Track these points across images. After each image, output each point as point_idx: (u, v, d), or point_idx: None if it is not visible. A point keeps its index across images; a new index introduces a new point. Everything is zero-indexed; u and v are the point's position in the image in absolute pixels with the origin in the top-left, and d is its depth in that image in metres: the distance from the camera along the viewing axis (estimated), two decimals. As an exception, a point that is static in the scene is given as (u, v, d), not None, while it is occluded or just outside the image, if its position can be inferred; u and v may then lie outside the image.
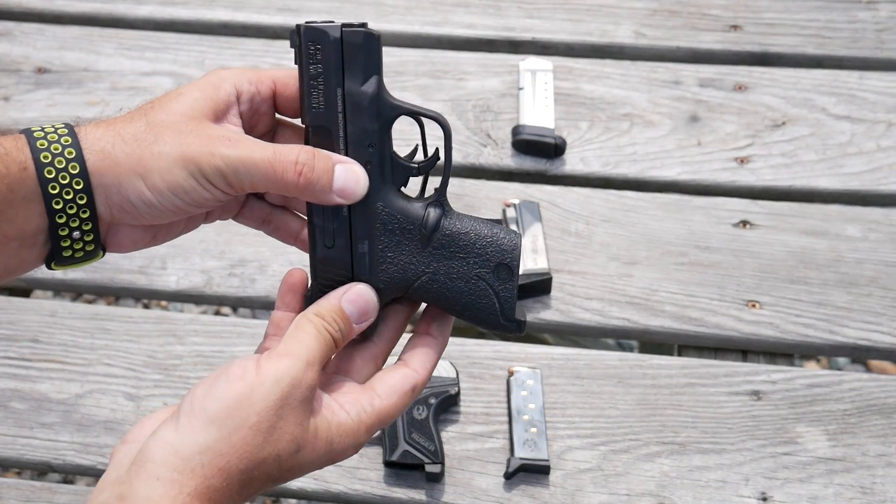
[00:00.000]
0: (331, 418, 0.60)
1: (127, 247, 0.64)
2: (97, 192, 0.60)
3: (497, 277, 0.64)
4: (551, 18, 1.44)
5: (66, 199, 0.59)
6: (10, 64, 1.41)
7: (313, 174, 0.60)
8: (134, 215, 0.61)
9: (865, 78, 1.35)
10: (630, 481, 1.02)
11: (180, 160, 0.59)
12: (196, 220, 0.68)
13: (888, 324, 1.12)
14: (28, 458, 1.05)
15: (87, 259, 0.62)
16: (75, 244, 0.61)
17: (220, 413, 0.56)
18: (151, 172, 0.59)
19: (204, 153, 0.59)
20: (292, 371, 0.58)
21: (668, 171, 1.27)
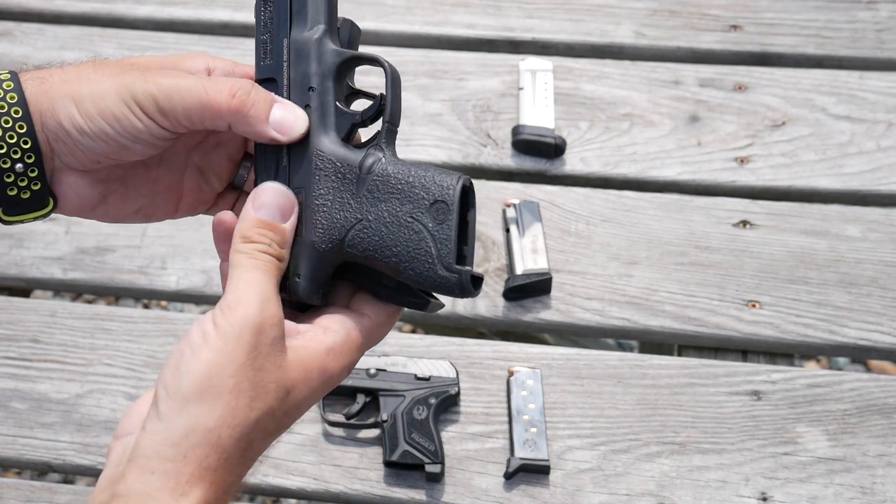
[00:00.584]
0: (315, 346, 0.57)
1: (72, 200, 0.62)
2: (34, 118, 0.58)
3: (433, 218, 0.57)
4: (551, 18, 1.44)
5: (6, 126, 0.58)
6: (10, 64, 1.40)
7: (248, 98, 0.58)
8: (69, 146, 0.59)
9: (865, 78, 1.35)
10: (630, 481, 1.02)
11: (114, 87, 0.58)
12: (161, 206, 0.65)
13: (888, 324, 1.12)
14: (28, 458, 1.05)
15: (37, 207, 0.60)
16: (20, 180, 0.59)
17: (194, 388, 0.53)
18: (83, 98, 0.58)
19: (138, 81, 0.58)
20: (249, 318, 0.54)
21: (668, 171, 1.27)
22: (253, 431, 0.54)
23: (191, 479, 0.52)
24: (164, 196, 0.65)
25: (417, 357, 1.08)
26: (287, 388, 0.56)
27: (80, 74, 0.60)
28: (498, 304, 1.14)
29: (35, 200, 0.60)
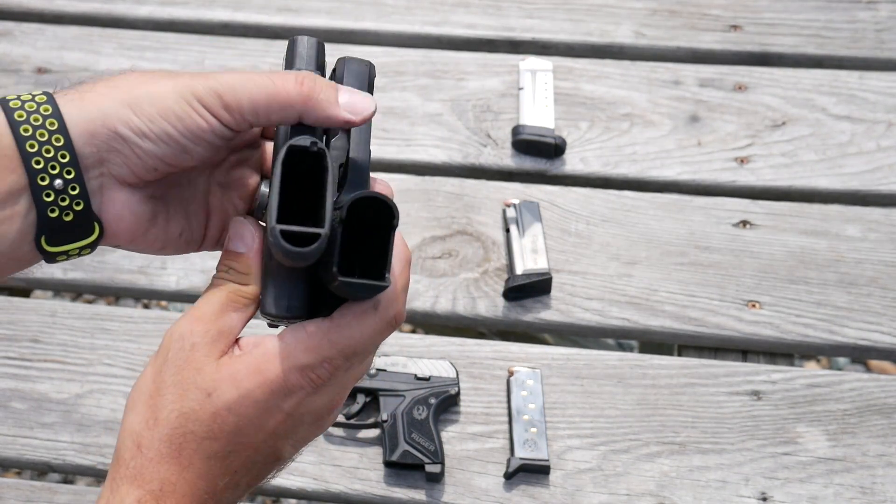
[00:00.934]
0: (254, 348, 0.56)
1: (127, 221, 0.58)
2: (79, 129, 0.55)
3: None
4: (551, 18, 1.44)
5: (41, 140, 0.54)
6: (10, 64, 1.41)
7: (315, 84, 0.56)
8: (124, 154, 0.56)
9: (865, 78, 1.35)
10: (630, 481, 1.02)
11: (173, 87, 0.55)
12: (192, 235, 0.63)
13: (888, 324, 1.12)
14: (28, 458, 1.05)
15: (82, 234, 0.57)
16: (60, 199, 0.55)
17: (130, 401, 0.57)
18: (140, 100, 0.55)
19: (198, 79, 0.56)
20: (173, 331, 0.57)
21: (668, 171, 1.27)
22: (175, 431, 0.55)
23: (117, 479, 0.55)
24: (197, 217, 0.63)
25: (417, 357, 1.08)
26: (207, 390, 0.55)
27: (129, 80, 0.56)
28: (498, 304, 1.14)
29: (79, 225, 0.56)
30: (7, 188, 0.54)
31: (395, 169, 1.28)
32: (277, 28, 1.44)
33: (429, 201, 1.24)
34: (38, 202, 0.54)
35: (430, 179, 1.26)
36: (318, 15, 1.45)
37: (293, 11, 1.46)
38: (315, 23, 1.44)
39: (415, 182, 1.26)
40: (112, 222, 0.58)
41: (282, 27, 1.44)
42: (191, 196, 0.62)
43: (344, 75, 0.61)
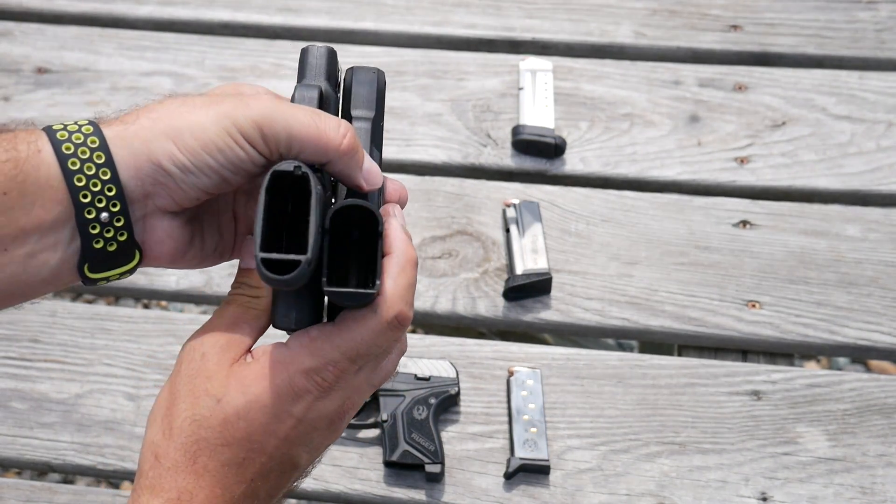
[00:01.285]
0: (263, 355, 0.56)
1: (167, 246, 0.59)
2: (125, 163, 0.55)
3: None
4: (551, 18, 1.44)
5: (89, 174, 0.54)
6: (10, 64, 1.41)
7: (354, 142, 0.57)
8: (168, 187, 0.56)
9: (865, 78, 1.35)
10: (630, 481, 1.02)
11: (213, 116, 0.55)
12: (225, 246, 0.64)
13: (888, 324, 1.12)
14: (28, 458, 1.05)
15: (123, 261, 0.57)
16: (105, 231, 0.55)
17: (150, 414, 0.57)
18: (182, 133, 0.55)
19: (239, 107, 0.55)
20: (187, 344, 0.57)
21: (668, 171, 1.27)
22: (188, 439, 0.55)
23: (138, 489, 0.55)
24: (228, 228, 0.64)
25: (417, 357, 1.08)
26: (216, 396, 0.55)
27: (170, 110, 0.56)
28: (498, 304, 1.14)
29: (121, 253, 0.57)
30: (52, 218, 0.54)
31: (395, 169, 1.28)
32: (277, 28, 1.44)
33: (429, 201, 1.24)
34: (83, 234, 0.55)
35: (430, 179, 1.26)
36: (318, 15, 1.45)
37: (293, 11, 1.46)
38: (315, 23, 1.44)
39: (415, 182, 1.26)
40: (153, 248, 0.59)
41: (282, 27, 1.44)
42: (221, 209, 0.63)
43: (353, 85, 0.62)
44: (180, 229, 0.59)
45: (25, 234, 0.54)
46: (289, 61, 1.38)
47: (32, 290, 0.57)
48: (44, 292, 0.58)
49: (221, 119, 0.55)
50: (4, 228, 0.54)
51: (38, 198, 0.54)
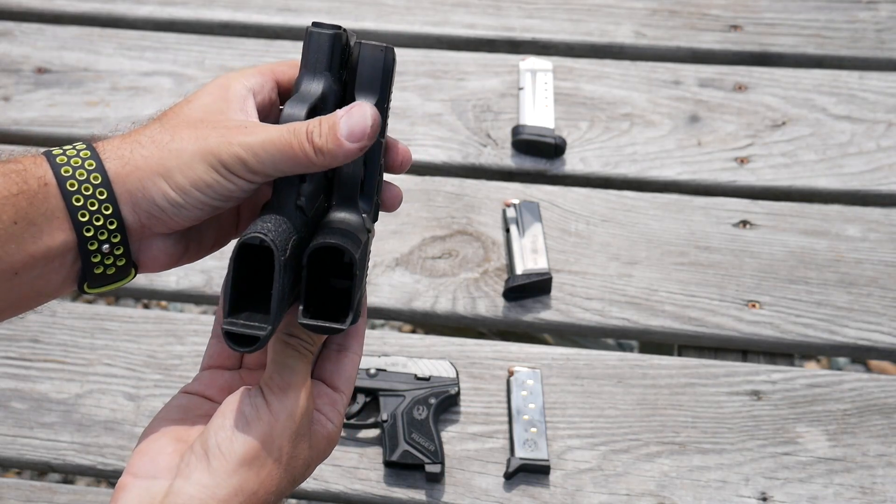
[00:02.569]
0: (323, 432, 0.64)
1: (161, 261, 0.64)
2: (123, 199, 0.59)
3: None
4: (551, 18, 1.44)
5: (92, 209, 0.58)
6: (10, 64, 1.41)
7: (321, 138, 0.59)
8: (163, 219, 0.60)
9: (865, 78, 1.35)
10: (630, 481, 1.02)
11: (199, 154, 0.58)
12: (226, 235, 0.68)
13: (888, 324, 1.12)
14: (28, 458, 1.05)
15: (119, 279, 0.62)
16: (105, 259, 0.60)
17: (248, 455, 0.58)
18: (172, 171, 0.59)
19: (222, 144, 0.59)
20: (300, 403, 0.61)
21: (668, 171, 1.27)
22: (278, 498, 0.61)
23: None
24: (227, 218, 0.67)
25: (417, 357, 1.08)
26: (308, 463, 0.63)
27: (160, 145, 0.59)
28: (498, 304, 1.14)
29: (119, 273, 0.62)
30: (58, 246, 0.59)
31: (395, 169, 1.28)
32: (277, 28, 1.45)
33: (429, 201, 1.24)
34: (84, 261, 0.60)
35: (430, 179, 1.26)
36: (318, 15, 1.45)
37: (293, 11, 1.46)
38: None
39: (415, 182, 1.26)
40: (148, 264, 0.64)
41: (282, 27, 1.44)
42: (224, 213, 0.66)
43: (358, 65, 0.63)
44: (174, 245, 0.64)
45: (35, 260, 0.58)
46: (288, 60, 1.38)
47: (36, 303, 0.62)
48: (43, 302, 0.62)
49: (207, 156, 0.59)
50: (16, 255, 0.58)
51: (46, 227, 0.58)
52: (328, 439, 0.64)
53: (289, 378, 0.61)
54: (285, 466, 0.60)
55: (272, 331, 0.57)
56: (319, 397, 0.65)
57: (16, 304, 0.60)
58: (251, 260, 0.58)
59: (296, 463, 0.61)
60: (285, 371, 0.61)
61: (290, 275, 0.58)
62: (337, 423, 0.64)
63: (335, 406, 0.65)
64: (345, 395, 0.65)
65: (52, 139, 1.32)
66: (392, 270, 1.17)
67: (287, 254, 0.57)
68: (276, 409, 0.60)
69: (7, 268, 0.58)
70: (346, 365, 0.66)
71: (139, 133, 0.61)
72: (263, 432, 0.59)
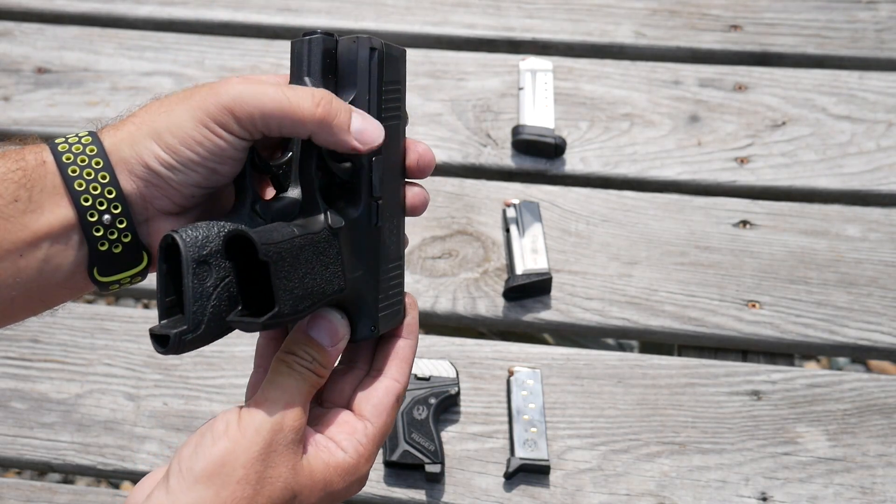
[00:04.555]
0: (328, 459, 0.59)
1: None
2: (119, 167, 0.58)
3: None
4: (551, 18, 1.44)
5: (88, 178, 0.57)
6: (10, 64, 1.41)
7: (331, 107, 0.58)
8: (160, 187, 0.58)
9: (865, 78, 1.35)
10: (630, 481, 1.02)
11: (187, 111, 0.57)
12: None
13: (888, 324, 1.12)
14: (28, 458, 1.05)
15: (130, 263, 0.60)
16: (109, 233, 0.58)
17: (206, 471, 0.54)
18: (162, 132, 0.57)
19: (209, 95, 0.57)
20: (272, 417, 0.56)
21: (668, 171, 1.27)
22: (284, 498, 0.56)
23: None
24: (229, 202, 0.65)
25: (417, 357, 1.08)
26: (294, 491, 0.57)
27: (150, 113, 0.59)
28: (498, 304, 1.14)
29: (127, 255, 0.59)
30: (60, 223, 0.57)
31: (395, 169, 1.28)
32: (277, 28, 1.45)
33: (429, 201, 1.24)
34: (87, 236, 0.58)
35: (430, 179, 1.26)
36: (318, 15, 1.45)
37: (293, 11, 1.46)
38: (315, 23, 1.44)
39: (415, 182, 1.26)
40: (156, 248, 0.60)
41: (282, 27, 1.44)
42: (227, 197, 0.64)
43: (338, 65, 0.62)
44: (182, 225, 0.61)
45: (38, 238, 0.57)
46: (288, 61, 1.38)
47: (50, 295, 0.59)
48: (61, 298, 0.60)
49: (194, 111, 0.57)
50: (19, 233, 0.57)
51: (46, 204, 0.57)
52: (339, 469, 0.59)
53: (269, 394, 0.57)
54: (254, 487, 0.55)
55: (187, 331, 0.55)
56: (336, 424, 0.60)
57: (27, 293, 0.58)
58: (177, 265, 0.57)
59: (271, 484, 0.56)
60: (268, 387, 0.58)
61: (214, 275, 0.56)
62: (353, 453, 0.59)
63: (354, 434, 0.60)
64: (371, 425, 0.61)
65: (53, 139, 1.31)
66: (392, 270, 1.17)
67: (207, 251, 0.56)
68: (244, 424, 0.56)
69: (11, 248, 0.56)
70: (377, 391, 0.62)
71: (137, 110, 0.60)
72: (226, 449, 0.55)
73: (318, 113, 0.57)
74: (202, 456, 0.55)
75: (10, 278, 0.57)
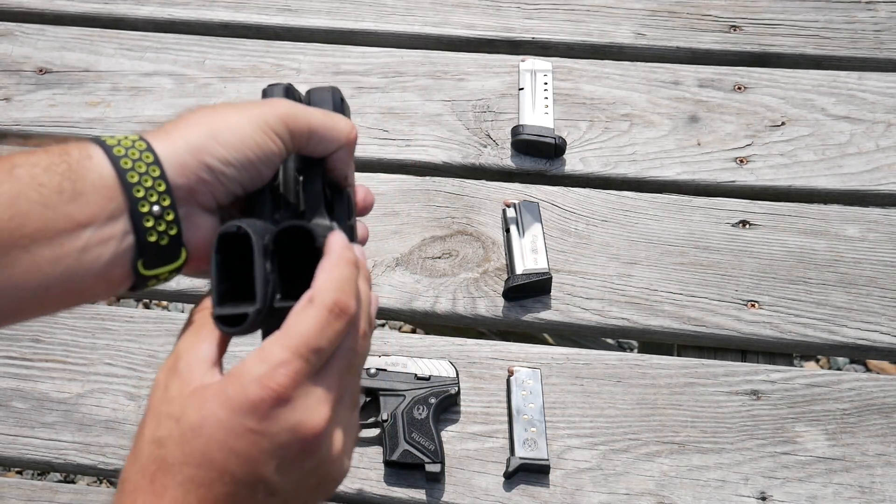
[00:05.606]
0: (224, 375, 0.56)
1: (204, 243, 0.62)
2: (170, 161, 0.60)
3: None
4: (551, 18, 1.44)
5: (140, 171, 0.59)
6: (11, 64, 1.41)
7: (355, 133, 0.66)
8: (210, 182, 0.61)
9: (864, 78, 1.36)
10: (630, 481, 1.02)
11: (247, 117, 0.62)
12: None
13: (887, 323, 1.13)
14: (29, 458, 1.06)
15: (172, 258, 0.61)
16: (158, 225, 0.59)
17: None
18: (222, 131, 0.61)
19: (266, 109, 0.63)
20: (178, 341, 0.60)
21: (667, 171, 1.27)
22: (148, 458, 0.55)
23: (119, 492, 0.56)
24: None
25: (417, 357, 1.08)
26: (175, 416, 0.55)
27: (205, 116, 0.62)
28: (498, 304, 1.15)
29: (171, 249, 0.61)
30: (107, 213, 0.58)
31: (395, 169, 1.29)
32: (277, 28, 1.45)
33: (429, 201, 1.24)
34: (137, 227, 0.59)
35: (430, 179, 1.26)
36: (318, 15, 1.45)
37: (293, 12, 1.46)
38: (315, 23, 1.44)
39: (415, 182, 1.26)
40: (197, 247, 0.62)
41: (282, 27, 1.45)
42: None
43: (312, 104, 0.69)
44: (213, 224, 0.63)
45: (80, 227, 0.57)
46: (289, 61, 1.38)
47: (86, 286, 0.59)
48: (96, 291, 0.60)
49: (254, 118, 0.62)
50: (60, 223, 0.57)
51: (93, 195, 0.58)
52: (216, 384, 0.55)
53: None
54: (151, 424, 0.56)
55: (259, 310, 0.57)
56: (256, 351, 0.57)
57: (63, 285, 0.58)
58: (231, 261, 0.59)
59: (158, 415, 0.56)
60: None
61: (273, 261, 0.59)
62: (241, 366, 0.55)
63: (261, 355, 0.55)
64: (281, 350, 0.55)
65: (53, 139, 1.32)
66: (392, 270, 1.18)
67: (265, 241, 0.59)
68: None
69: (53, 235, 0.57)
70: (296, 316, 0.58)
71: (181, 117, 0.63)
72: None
73: (353, 136, 0.66)
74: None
75: (49, 265, 0.57)
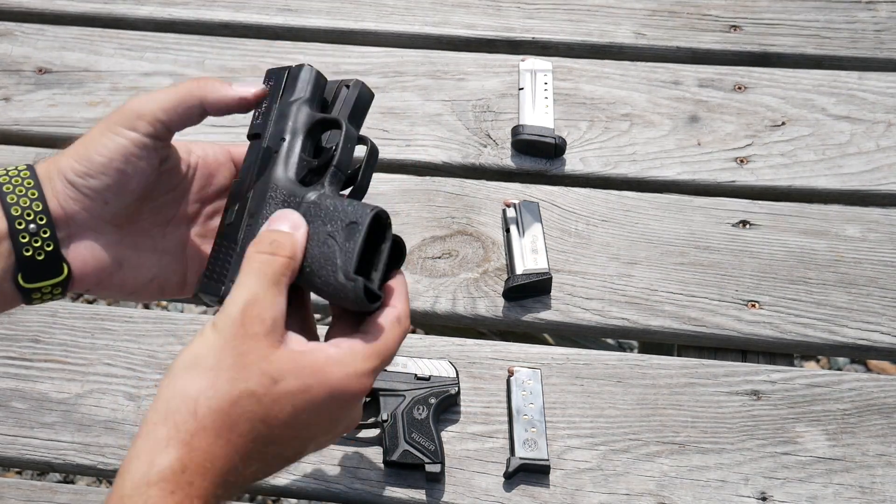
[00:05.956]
0: (317, 351, 0.61)
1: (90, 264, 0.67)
2: (46, 185, 0.66)
3: (346, 236, 0.65)
4: (551, 18, 1.44)
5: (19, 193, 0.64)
6: (10, 64, 1.41)
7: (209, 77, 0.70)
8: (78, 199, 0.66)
9: (865, 78, 1.36)
10: (630, 481, 1.02)
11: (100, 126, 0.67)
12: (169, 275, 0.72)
13: (887, 324, 1.13)
14: (29, 458, 1.06)
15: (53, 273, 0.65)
16: (34, 241, 0.64)
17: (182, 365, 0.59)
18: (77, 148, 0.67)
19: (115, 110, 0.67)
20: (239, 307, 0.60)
21: (667, 171, 1.27)
22: (232, 407, 0.58)
23: (168, 440, 0.57)
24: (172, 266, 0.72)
25: (417, 357, 1.08)
26: (273, 377, 0.59)
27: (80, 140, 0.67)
28: (498, 304, 1.15)
29: (50, 264, 0.66)
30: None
31: (395, 169, 1.29)
32: (278, 28, 1.45)
33: (429, 201, 1.24)
34: (14, 243, 0.65)
35: (430, 179, 1.26)
36: (318, 15, 1.45)
37: (293, 11, 1.46)
38: (315, 23, 1.44)
39: (415, 182, 1.26)
40: (78, 265, 0.67)
41: (282, 27, 1.44)
42: (165, 247, 0.72)
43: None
44: (104, 251, 0.68)
45: None
46: (289, 61, 1.38)
47: None
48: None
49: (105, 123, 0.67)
50: None
51: None
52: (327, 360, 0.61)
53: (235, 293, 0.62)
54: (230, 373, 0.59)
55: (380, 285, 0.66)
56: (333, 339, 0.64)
57: None
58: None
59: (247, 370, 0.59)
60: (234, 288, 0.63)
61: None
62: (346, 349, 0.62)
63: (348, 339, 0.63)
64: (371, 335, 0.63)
65: (53, 139, 1.32)
66: (392, 270, 1.18)
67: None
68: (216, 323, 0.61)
69: None
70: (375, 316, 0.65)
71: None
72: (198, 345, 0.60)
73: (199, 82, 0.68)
74: (180, 357, 0.60)
75: None
